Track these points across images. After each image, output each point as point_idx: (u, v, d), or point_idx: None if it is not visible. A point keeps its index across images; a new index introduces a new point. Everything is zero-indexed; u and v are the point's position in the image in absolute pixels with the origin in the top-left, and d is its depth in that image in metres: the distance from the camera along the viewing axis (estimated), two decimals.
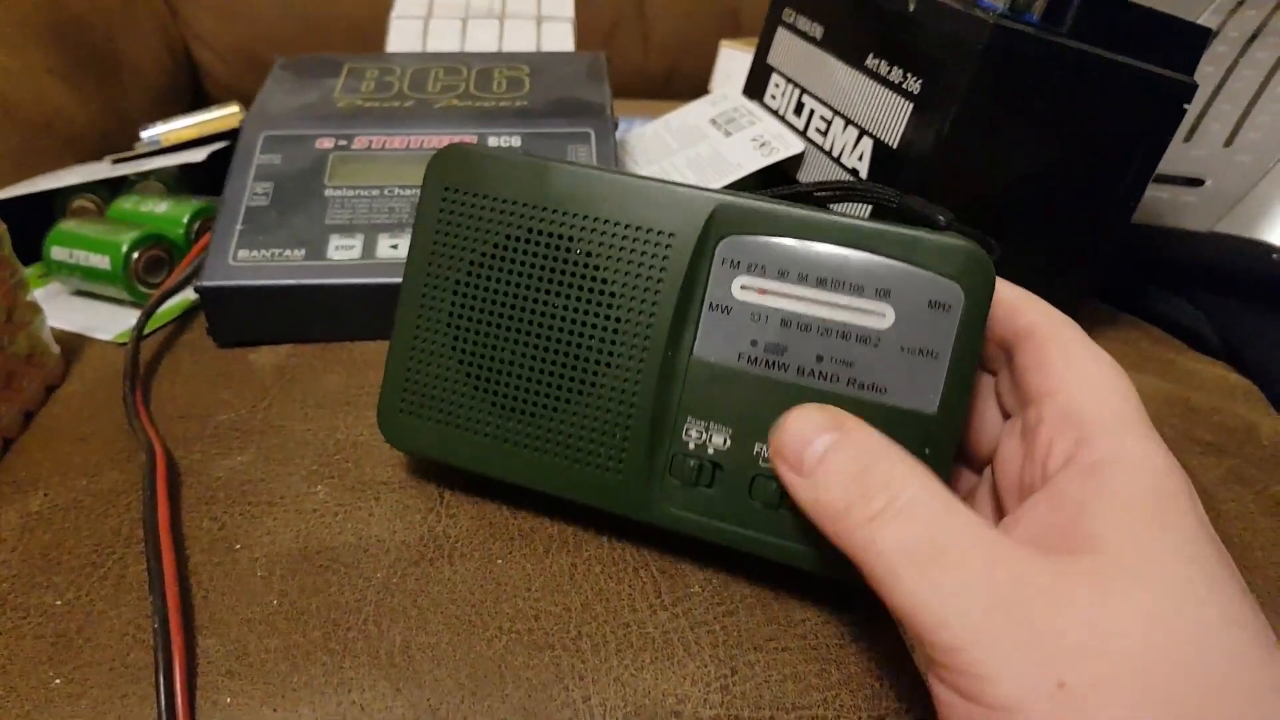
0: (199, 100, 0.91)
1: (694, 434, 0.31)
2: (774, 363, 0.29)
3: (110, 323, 0.47)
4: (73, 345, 0.45)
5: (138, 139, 0.60)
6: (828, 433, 0.26)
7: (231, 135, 0.57)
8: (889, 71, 0.44)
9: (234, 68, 0.92)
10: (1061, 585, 0.21)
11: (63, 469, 0.37)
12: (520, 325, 0.32)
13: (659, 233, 0.30)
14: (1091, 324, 0.50)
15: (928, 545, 0.22)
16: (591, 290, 0.31)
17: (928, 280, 0.27)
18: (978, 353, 0.28)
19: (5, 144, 0.57)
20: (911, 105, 0.42)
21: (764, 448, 0.30)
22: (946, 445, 0.28)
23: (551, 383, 0.32)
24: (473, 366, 0.33)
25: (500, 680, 0.29)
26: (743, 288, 0.29)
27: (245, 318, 0.43)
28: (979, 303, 0.27)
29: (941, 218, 0.35)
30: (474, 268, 0.32)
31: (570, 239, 0.31)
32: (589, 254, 0.31)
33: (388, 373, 0.34)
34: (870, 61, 0.46)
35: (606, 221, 0.30)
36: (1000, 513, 0.28)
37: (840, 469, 0.25)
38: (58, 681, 0.29)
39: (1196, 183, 0.49)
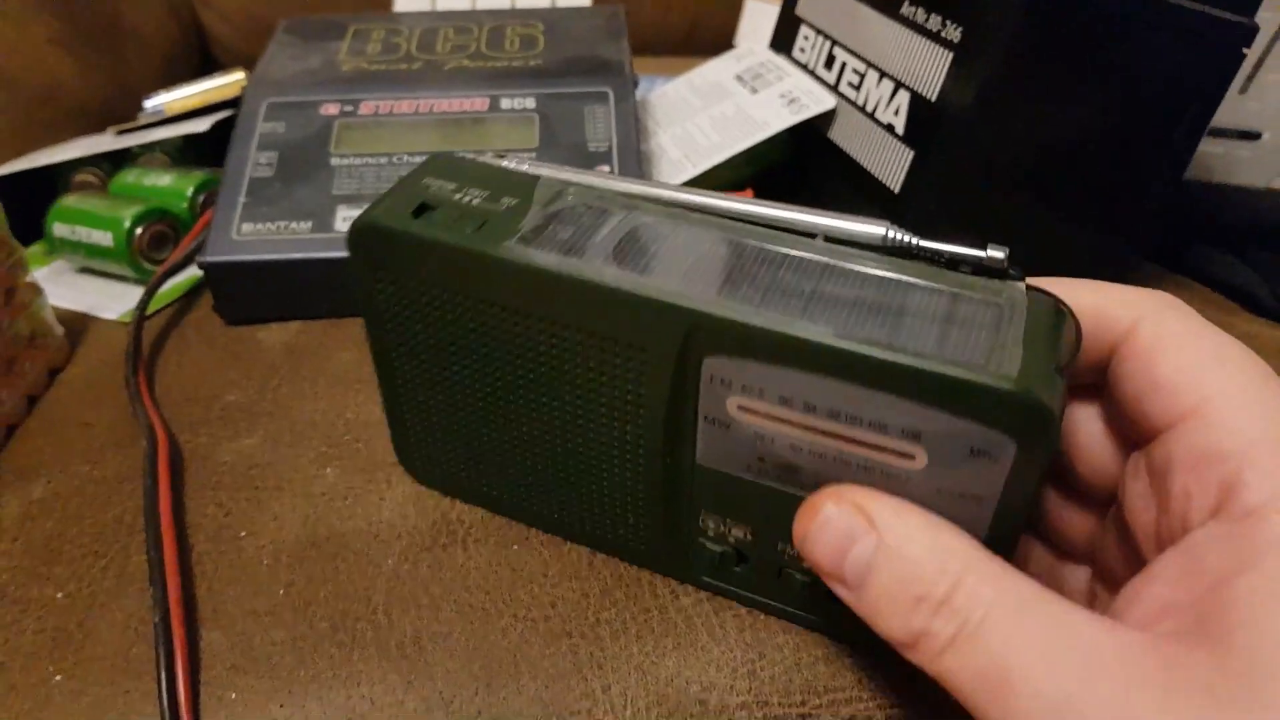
0: (207, 68, 0.89)
1: (711, 525, 0.27)
2: (788, 479, 0.24)
3: (115, 301, 0.45)
4: (77, 325, 0.44)
5: (141, 109, 0.59)
6: (861, 539, 0.21)
7: (237, 103, 0.55)
8: (926, 19, 0.42)
9: (242, 32, 0.90)
10: (1176, 696, 0.16)
11: (65, 455, 0.36)
12: (503, 414, 0.28)
13: (629, 345, 0.24)
14: (1140, 285, 0.48)
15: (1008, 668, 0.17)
16: (566, 396, 0.26)
17: (969, 428, 0.20)
18: (1031, 496, 0.21)
19: (5, 117, 0.55)
20: (951, 55, 0.40)
21: (788, 546, 0.26)
22: None
23: (547, 471, 0.29)
24: (467, 444, 0.30)
25: (515, 670, 0.27)
26: (739, 408, 0.24)
27: (251, 294, 0.41)
28: (1035, 456, 0.20)
29: (999, 255, 0.24)
30: (438, 357, 0.28)
31: (532, 341, 0.26)
32: (555, 358, 0.26)
33: (388, 417, 0.32)
34: (906, 9, 0.43)
35: (568, 328, 0.25)
36: (1136, 566, 0.22)
37: (891, 592, 0.20)
38: (58, 678, 0.28)
39: (1252, 136, 0.46)
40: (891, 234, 0.24)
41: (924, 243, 0.24)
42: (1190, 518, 0.19)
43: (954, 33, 0.40)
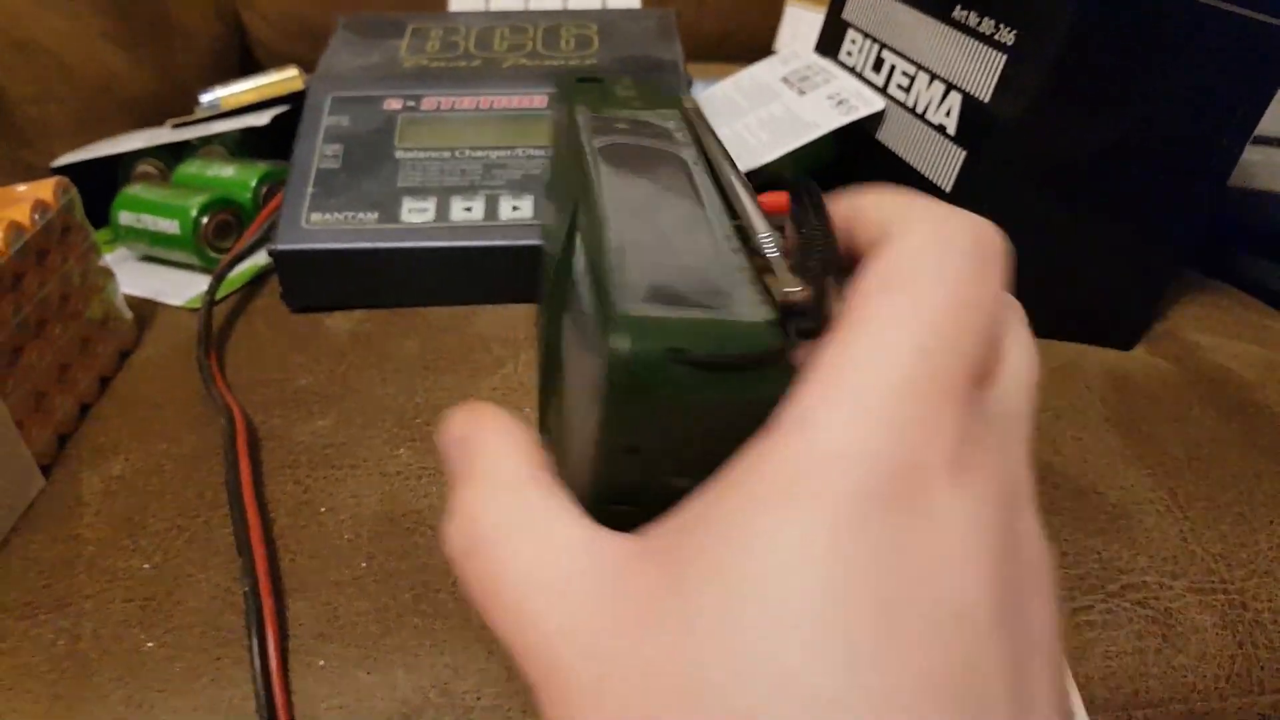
0: (247, 66, 0.91)
1: None
2: None
3: (179, 288, 0.46)
4: (143, 311, 0.45)
5: (196, 104, 0.60)
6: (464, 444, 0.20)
7: (290, 99, 0.56)
8: (979, 23, 0.42)
9: (281, 32, 0.91)
10: (621, 604, 0.15)
11: (141, 434, 0.37)
12: None
13: None
14: (1181, 290, 0.48)
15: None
16: None
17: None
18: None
19: (67, 108, 0.57)
20: (1005, 57, 0.41)
21: None
22: None
23: None
24: None
25: None
26: None
27: (319, 281, 0.42)
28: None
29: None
30: None
31: None
32: None
33: None
34: (958, 13, 0.44)
35: None
36: None
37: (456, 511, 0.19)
38: (150, 645, 0.29)
39: None
40: None
41: None
42: None
43: (1007, 36, 0.41)
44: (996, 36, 0.41)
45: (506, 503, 0.18)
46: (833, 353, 0.16)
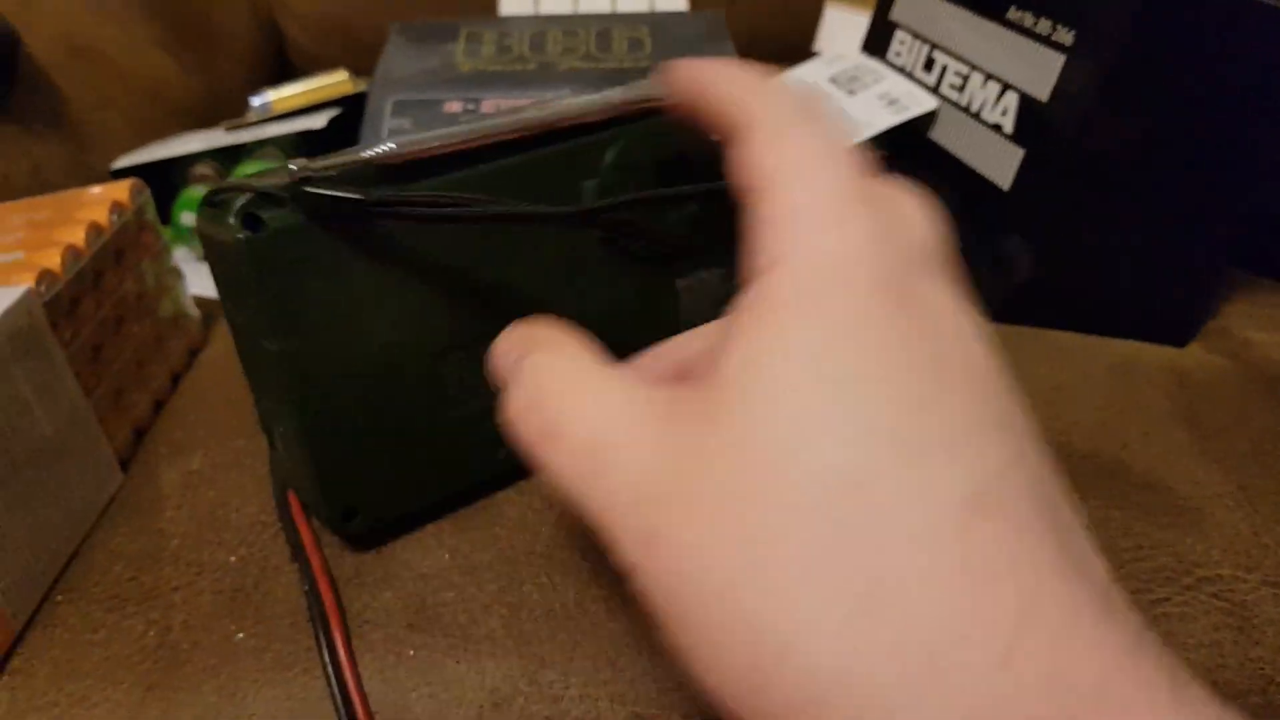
0: (284, 71, 0.92)
1: None
2: None
3: None
4: (208, 310, 0.46)
5: (246, 107, 0.61)
6: (520, 350, 0.22)
7: (341, 102, 0.57)
8: (1035, 23, 0.43)
9: (317, 37, 0.92)
10: (674, 423, 0.18)
11: (218, 431, 0.38)
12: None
13: None
14: (1233, 288, 0.49)
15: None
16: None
17: None
18: None
19: (123, 113, 0.57)
20: (1064, 57, 0.41)
21: None
22: None
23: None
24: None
25: None
26: None
27: None
28: None
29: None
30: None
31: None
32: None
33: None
34: (1013, 14, 0.44)
35: None
36: None
37: (523, 394, 0.21)
38: (240, 635, 0.29)
39: None
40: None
41: None
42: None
43: (1066, 36, 0.41)
44: (1054, 37, 0.42)
45: (568, 370, 0.21)
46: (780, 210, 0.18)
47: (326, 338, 0.28)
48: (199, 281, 0.48)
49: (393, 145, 0.26)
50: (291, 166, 0.26)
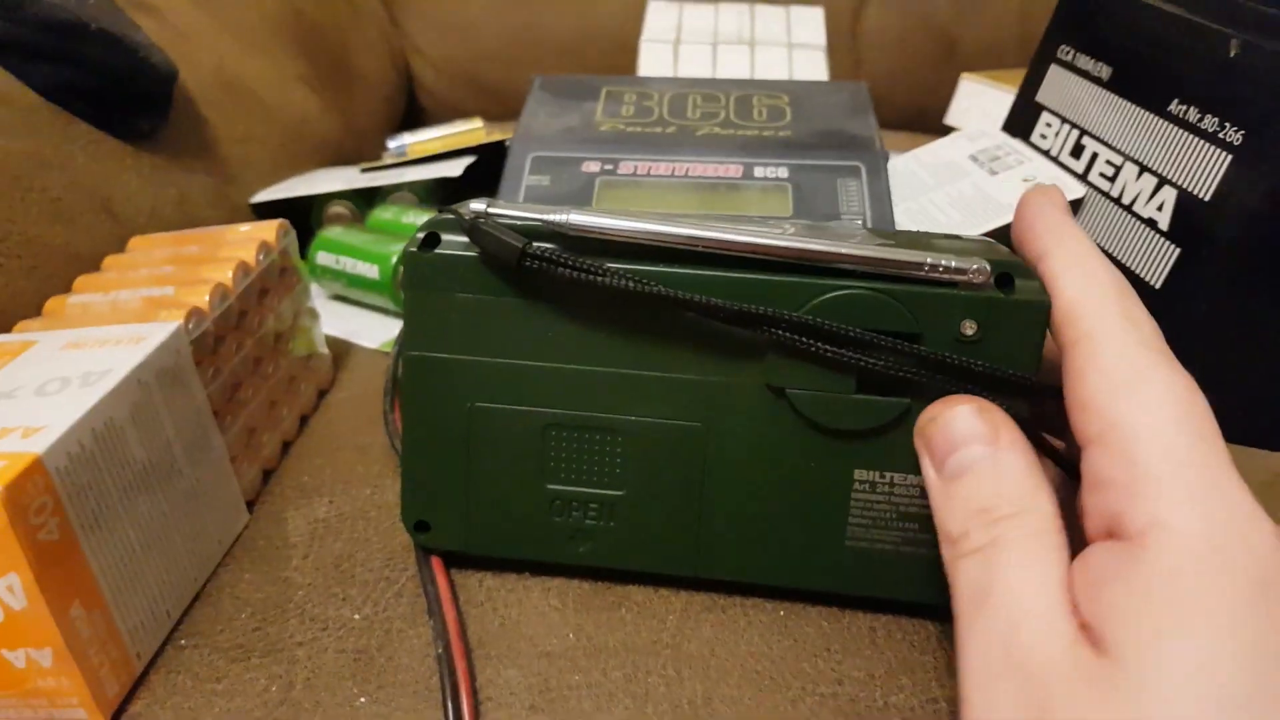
0: (413, 113, 0.94)
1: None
2: None
3: (373, 330, 0.47)
4: (337, 350, 0.46)
5: (383, 149, 0.62)
6: (977, 445, 0.24)
7: (476, 150, 0.58)
8: (1200, 119, 0.41)
9: (448, 82, 0.95)
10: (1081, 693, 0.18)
11: (345, 478, 0.38)
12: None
13: None
14: None
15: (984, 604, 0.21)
16: None
17: None
18: None
19: (266, 148, 0.59)
20: (1230, 156, 0.39)
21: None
22: None
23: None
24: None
25: None
26: None
27: None
28: None
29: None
30: None
31: None
32: None
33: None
34: (1175, 108, 0.43)
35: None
36: None
37: (971, 495, 0.23)
38: (362, 700, 0.29)
39: None
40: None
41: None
42: (1089, 533, 0.21)
43: (1234, 135, 0.39)
44: (1222, 135, 0.40)
45: (1035, 571, 0.21)
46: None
47: (450, 363, 0.30)
48: (329, 322, 0.48)
49: (571, 217, 0.27)
50: (478, 205, 0.28)
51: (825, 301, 0.27)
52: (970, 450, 0.24)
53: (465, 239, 0.28)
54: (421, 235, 0.29)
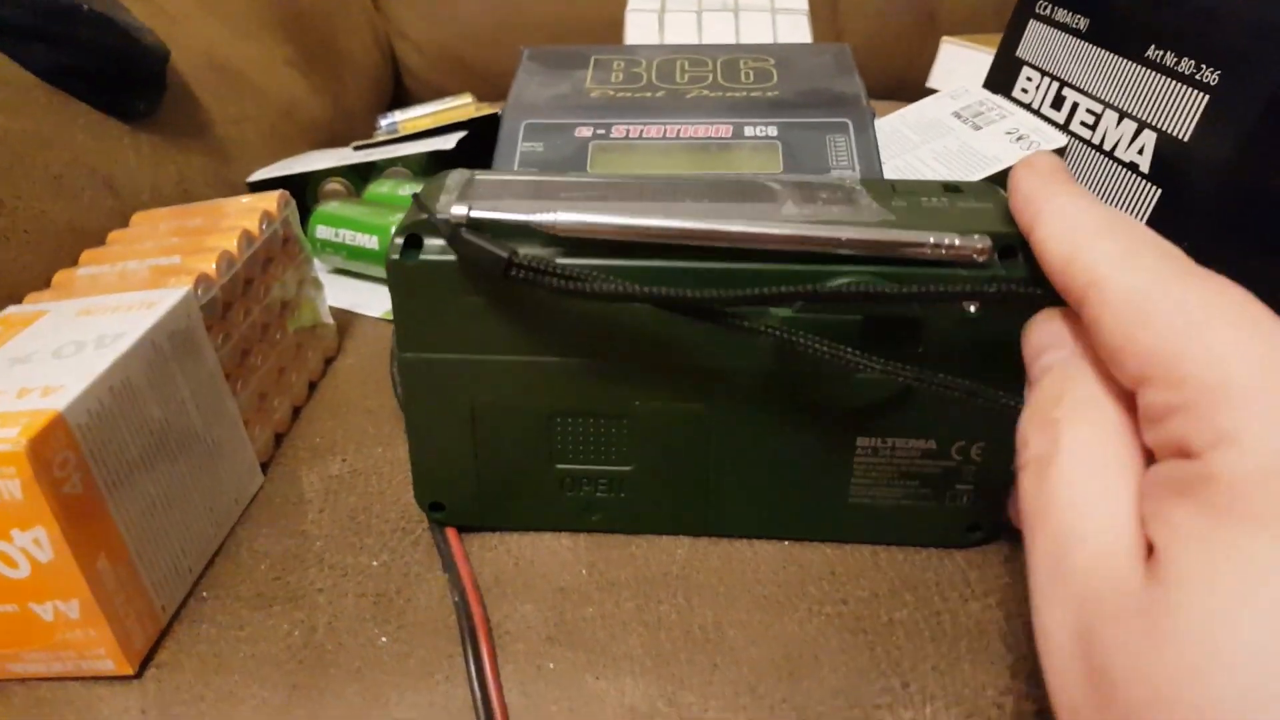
0: (399, 95, 0.95)
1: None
2: None
3: (374, 300, 0.48)
4: (341, 320, 0.47)
5: (374, 127, 0.63)
6: (1054, 351, 0.24)
7: (466, 125, 0.58)
8: (1177, 62, 0.42)
9: (432, 63, 0.95)
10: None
11: (357, 438, 0.38)
12: None
13: None
14: None
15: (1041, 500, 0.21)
16: None
17: None
18: None
19: (259, 129, 0.60)
20: (1207, 97, 0.40)
21: None
22: None
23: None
24: None
25: (815, 663, 0.28)
26: None
27: None
28: None
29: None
30: None
31: None
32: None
33: None
34: (1152, 53, 0.44)
35: None
36: None
37: (1038, 401, 0.23)
38: (384, 639, 0.30)
39: None
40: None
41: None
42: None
43: (1210, 76, 0.40)
44: (1198, 77, 0.41)
45: (1095, 462, 0.21)
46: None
47: (447, 363, 0.30)
48: (331, 293, 0.49)
49: (559, 217, 0.26)
50: (460, 209, 0.27)
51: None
52: (1052, 355, 0.24)
53: (443, 244, 0.27)
54: (401, 240, 0.28)
